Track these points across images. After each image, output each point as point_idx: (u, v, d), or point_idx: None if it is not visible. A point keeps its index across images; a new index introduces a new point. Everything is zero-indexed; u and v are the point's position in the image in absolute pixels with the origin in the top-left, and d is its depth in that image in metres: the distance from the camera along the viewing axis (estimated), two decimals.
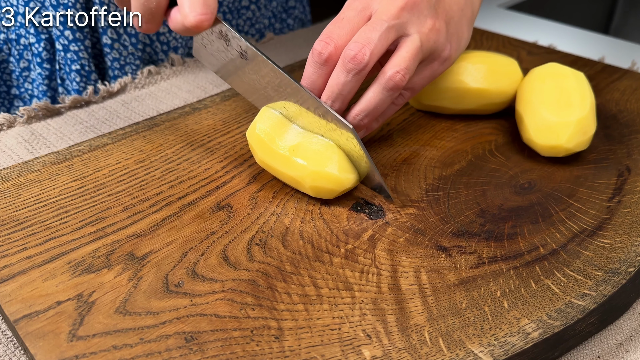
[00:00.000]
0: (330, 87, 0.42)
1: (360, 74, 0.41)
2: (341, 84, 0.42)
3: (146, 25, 0.45)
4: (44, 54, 0.64)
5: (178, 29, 0.43)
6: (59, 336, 0.33)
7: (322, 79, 0.43)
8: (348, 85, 0.42)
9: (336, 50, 0.42)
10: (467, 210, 0.44)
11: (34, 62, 0.65)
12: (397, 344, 0.34)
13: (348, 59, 0.41)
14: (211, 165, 0.48)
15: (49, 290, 0.36)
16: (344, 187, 0.43)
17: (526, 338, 0.34)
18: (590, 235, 0.42)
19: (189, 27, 0.42)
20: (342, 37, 0.42)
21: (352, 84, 0.42)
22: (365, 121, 0.44)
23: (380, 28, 0.41)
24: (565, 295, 0.37)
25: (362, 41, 0.41)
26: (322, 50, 0.42)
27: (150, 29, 0.45)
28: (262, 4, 0.73)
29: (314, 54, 0.42)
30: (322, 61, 0.42)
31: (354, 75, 0.41)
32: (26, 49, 0.64)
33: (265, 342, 0.34)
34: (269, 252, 0.40)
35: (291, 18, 0.77)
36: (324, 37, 0.42)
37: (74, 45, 0.63)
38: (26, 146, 0.53)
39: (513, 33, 0.77)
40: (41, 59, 0.64)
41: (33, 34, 0.63)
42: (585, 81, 0.51)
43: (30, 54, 0.64)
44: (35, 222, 0.42)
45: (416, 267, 0.39)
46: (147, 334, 0.34)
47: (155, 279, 0.37)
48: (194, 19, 0.41)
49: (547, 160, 0.50)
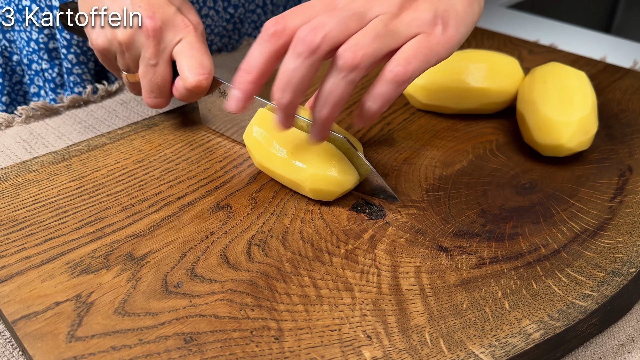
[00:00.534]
0: (279, 75, 0.37)
1: (311, 58, 0.36)
2: (290, 69, 0.36)
3: (156, 100, 0.50)
4: (58, 80, 0.65)
5: (182, 94, 0.48)
6: (57, 337, 0.33)
7: (263, 56, 0.37)
8: (298, 72, 0.36)
9: (284, 29, 0.37)
10: (468, 210, 0.44)
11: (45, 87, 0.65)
12: (397, 345, 0.34)
13: (297, 41, 0.36)
14: (210, 165, 0.48)
15: (48, 290, 0.36)
16: (344, 189, 0.43)
17: (527, 339, 0.34)
18: (592, 236, 0.42)
19: (190, 88, 0.47)
20: (296, 21, 0.37)
21: (302, 70, 0.36)
22: (326, 111, 0.38)
23: (337, 14, 0.37)
24: (566, 296, 0.37)
25: (316, 24, 0.36)
26: (269, 25, 0.37)
27: (161, 103, 0.50)
28: (269, 10, 0.74)
29: (261, 32, 0.37)
30: (267, 36, 0.37)
31: (304, 60, 0.36)
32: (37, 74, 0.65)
33: (264, 343, 0.34)
34: (269, 252, 0.40)
35: None
36: (276, 17, 0.38)
37: (78, 68, 0.64)
38: (24, 146, 0.53)
39: (514, 32, 0.77)
40: (55, 84, 0.65)
41: (46, 59, 0.64)
42: (587, 80, 0.51)
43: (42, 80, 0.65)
44: (34, 222, 0.42)
45: (417, 268, 0.39)
46: (146, 334, 0.34)
47: (154, 279, 0.37)
48: (193, 80, 0.47)
49: (549, 160, 0.50)
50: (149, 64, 0.48)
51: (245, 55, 0.39)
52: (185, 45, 0.47)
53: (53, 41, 0.63)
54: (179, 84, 0.48)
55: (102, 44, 0.49)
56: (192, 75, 0.47)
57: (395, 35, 0.37)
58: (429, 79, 0.53)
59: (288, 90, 0.37)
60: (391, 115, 0.56)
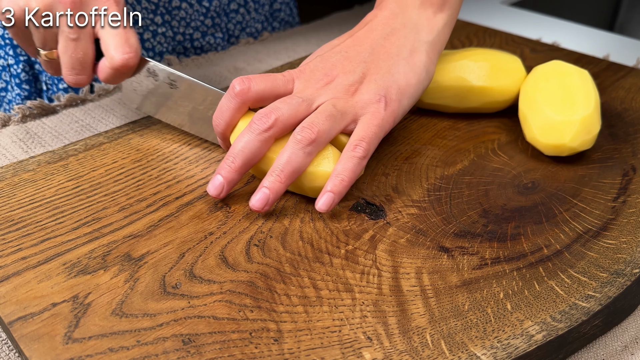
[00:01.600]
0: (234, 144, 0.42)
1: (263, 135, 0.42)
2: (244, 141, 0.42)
3: (78, 77, 0.47)
4: (23, 75, 0.64)
5: (107, 74, 0.46)
6: (54, 338, 0.33)
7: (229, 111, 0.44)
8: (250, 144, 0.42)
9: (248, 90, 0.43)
10: (469, 210, 0.44)
11: (12, 82, 0.64)
12: (398, 347, 0.34)
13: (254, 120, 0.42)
14: (209, 164, 0.48)
15: (44, 291, 0.36)
16: None
17: (530, 340, 0.34)
18: (595, 236, 0.42)
19: (117, 67, 0.45)
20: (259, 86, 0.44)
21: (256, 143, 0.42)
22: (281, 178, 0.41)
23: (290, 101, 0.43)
24: (569, 297, 0.37)
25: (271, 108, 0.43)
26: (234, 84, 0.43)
27: (83, 80, 0.48)
28: (252, 8, 0.73)
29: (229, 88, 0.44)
30: (232, 94, 0.43)
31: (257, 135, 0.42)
32: (4, 69, 0.64)
33: (264, 345, 0.34)
34: (268, 253, 0.40)
35: (277, 21, 0.78)
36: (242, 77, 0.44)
37: None
38: (21, 145, 0.53)
39: (516, 30, 0.77)
40: (20, 80, 0.64)
41: (12, 55, 0.63)
42: (590, 79, 0.51)
43: (9, 75, 0.64)
44: (30, 222, 0.42)
45: (418, 268, 0.39)
46: (144, 336, 0.34)
47: (152, 280, 0.37)
48: (120, 59, 0.45)
49: (551, 160, 0.50)
50: (69, 39, 0.45)
51: (244, 55, 0.39)
52: (108, 20, 0.45)
53: None
54: (104, 64, 0.46)
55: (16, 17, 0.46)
56: (119, 53, 0.45)
57: (345, 115, 0.44)
58: None
59: (239, 157, 0.42)
60: None
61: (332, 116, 0.43)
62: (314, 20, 0.81)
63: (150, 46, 0.67)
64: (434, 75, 0.53)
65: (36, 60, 0.64)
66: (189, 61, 0.68)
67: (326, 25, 0.79)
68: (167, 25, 0.67)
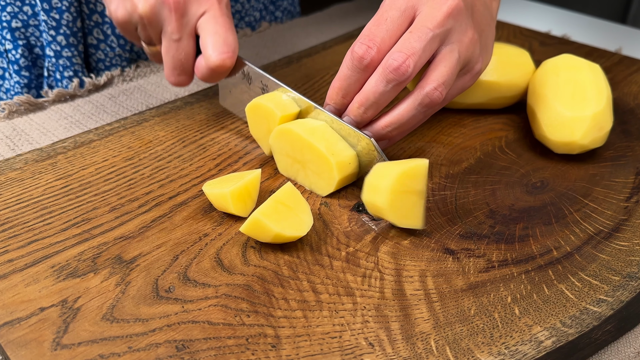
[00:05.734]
0: (365, 93, 0.43)
1: (401, 85, 0.42)
2: (379, 93, 0.42)
3: (179, 78, 0.49)
4: (22, 61, 0.64)
5: (205, 74, 0.48)
6: (42, 344, 0.33)
7: (359, 83, 0.43)
8: (386, 95, 0.42)
9: (378, 54, 0.42)
10: (475, 210, 0.44)
11: (10, 69, 0.64)
12: (401, 353, 0.34)
13: (390, 69, 0.41)
14: (204, 163, 0.48)
15: (32, 295, 0.36)
16: None
17: (539, 347, 0.34)
18: (607, 238, 0.42)
19: (213, 67, 0.47)
20: (386, 42, 0.42)
21: (390, 94, 0.42)
22: (394, 134, 0.44)
23: (425, 37, 0.42)
24: (580, 301, 0.37)
25: (407, 51, 0.41)
26: (363, 55, 0.42)
27: (184, 81, 0.50)
28: None
29: (354, 57, 0.42)
30: (362, 66, 0.42)
31: (394, 86, 0.42)
32: (1, 55, 0.64)
33: (261, 351, 0.34)
34: (265, 255, 0.40)
35: (279, 10, 0.78)
36: (366, 39, 0.42)
37: (67, 51, 0.63)
38: (7, 142, 0.53)
39: (525, 22, 0.77)
40: (19, 66, 0.64)
41: (9, 39, 0.63)
42: (602, 74, 0.51)
43: (6, 62, 0.64)
44: (17, 223, 0.42)
45: (422, 271, 0.39)
46: (135, 342, 0.34)
47: (145, 283, 0.37)
48: (216, 59, 0.46)
49: (561, 158, 0.50)
50: (172, 39, 0.47)
51: (240, 48, 0.39)
52: (209, 19, 0.47)
53: (16, 20, 0.62)
54: (200, 62, 0.48)
55: (122, 17, 0.49)
56: (216, 53, 0.46)
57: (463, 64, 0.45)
58: None
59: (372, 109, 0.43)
60: None
61: None
62: (314, 11, 0.81)
63: None
64: None
65: (36, 44, 0.64)
66: None
67: (326, 17, 0.79)
68: None
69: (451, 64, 0.43)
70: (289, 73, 0.61)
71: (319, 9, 0.81)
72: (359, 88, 0.43)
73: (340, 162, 0.43)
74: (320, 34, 0.74)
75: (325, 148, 0.43)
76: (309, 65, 0.62)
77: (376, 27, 0.43)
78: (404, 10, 0.43)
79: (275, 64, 0.62)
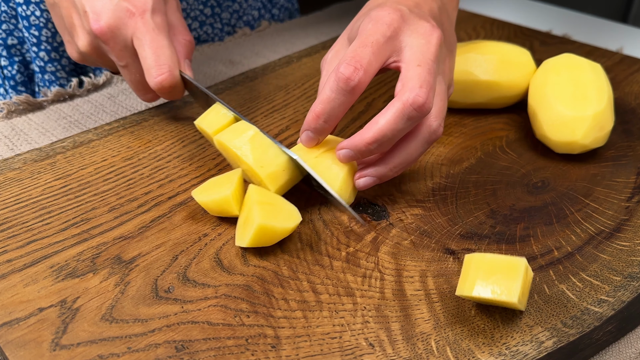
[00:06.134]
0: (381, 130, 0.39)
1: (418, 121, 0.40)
2: (397, 130, 0.40)
3: (147, 96, 0.50)
4: (18, 77, 0.64)
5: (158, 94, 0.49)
6: (41, 345, 0.33)
7: (343, 107, 0.41)
8: (402, 133, 0.40)
9: (366, 76, 0.40)
10: (476, 210, 0.44)
11: (6, 85, 0.65)
12: (401, 354, 0.34)
13: (415, 105, 0.39)
14: (203, 162, 0.48)
15: (31, 296, 0.36)
16: None
17: (539, 347, 0.34)
18: (608, 238, 0.42)
19: (156, 90, 0.47)
20: (373, 65, 0.40)
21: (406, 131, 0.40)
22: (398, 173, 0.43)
23: (434, 71, 0.40)
24: (581, 302, 0.37)
25: (427, 86, 0.39)
26: (350, 76, 0.39)
27: (153, 97, 0.50)
28: None
29: (339, 79, 0.40)
30: (349, 88, 0.40)
31: (412, 124, 0.40)
32: None
33: (261, 352, 0.34)
34: (265, 255, 0.40)
35: (276, 8, 0.78)
36: (352, 60, 0.40)
37: (50, 66, 0.63)
38: (6, 142, 0.53)
39: (525, 22, 0.77)
40: (15, 81, 0.64)
41: (5, 55, 0.63)
42: (603, 73, 0.51)
43: (2, 78, 0.65)
44: (16, 223, 0.42)
45: (422, 272, 0.39)
46: (135, 342, 0.34)
47: (144, 284, 0.37)
48: (153, 83, 0.46)
49: (562, 158, 0.50)
50: (120, 65, 0.48)
51: (240, 47, 0.39)
52: (137, 42, 0.46)
53: (11, 37, 0.63)
54: None
55: (76, 57, 0.50)
56: (151, 77, 0.46)
57: None
58: None
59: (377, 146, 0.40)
60: None
61: None
62: (313, 9, 0.80)
63: None
64: None
65: (31, 60, 0.65)
66: None
67: (326, 17, 0.79)
68: None
69: (444, 96, 0.42)
70: (289, 72, 0.61)
71: (318, 8, 0.81)
72: (343, 113, 0.41)
73: (271, 174, 0.41)
74: (320, 34, 0.74)
75: (253, 161, 0.41)
76: (309, 65, 0.62)
77: (362, 48, 0.40)
78: (389, 38, 0.41)
79: (275, 63, 0.62)
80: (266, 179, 0.41)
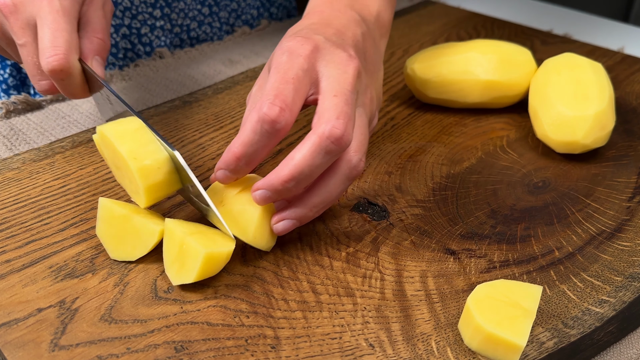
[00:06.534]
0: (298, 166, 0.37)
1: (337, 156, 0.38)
2: (315, 166, 0.37)
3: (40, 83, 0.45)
4: (10, 81, 0.64)
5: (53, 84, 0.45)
6: (39, 345, 0.33)
7: (266, 149, 0.38)
8: (320, 168, 0.37)
9: (292, 117, 0.37)
10: (477, 210, 0.44)
11: None
12: (402, 354, 0.34)
13: (332, 138, 0.36)
14: (203, 162, 0.48)
15: (29, 296, 0.36)
16: None
17: (540, 348, 0.34)
18: (609, 238, 0.42)
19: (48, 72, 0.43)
20: (297, 103, 0.38)
21: (325, 166, 0.38)
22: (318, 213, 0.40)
23: (352, 101, 0.39)
24: (582, 302, 0.37)
25: (344, 118, 0.37)
26: (277, 119, 0.37)
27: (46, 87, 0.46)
28: None
29: (264, 120, 0.37)
30: (274, 130, 0.37)
31: (331, 158, 0.37)
32: None
33: (260, 352, 0.34)
34: (265, 255, 0.40)
35: (274, 6, 0.78)
36: (277, 100, 0.37)
37: None
38: (4, 142, 0.53)
39: (526, 21, 0.77)
40: (7, 85, 0.64)
41: None
42: (604, 73, 0.51)
43: None
44: (15, 223, 0.42)
45: (422, 272, 0.39)
46: (134, 343, 0.34)
47: (143, 284, 0.37)
48: (44, 64, 0.42)
49: (563, 158, 0.50)
50: (19, 45, 0.44)
51: (240, 47, 0.38)
52: (39, 22, 0.43)
53: None
54: None
55: None
56: (44, 57, 0.42)
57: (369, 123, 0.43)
58: (435, 71, 0.53)
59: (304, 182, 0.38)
60: (395, 109, 0.56)
61: None
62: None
63: (147, 41, 0.67)
64: (439, 69, 0.53)
65: None
66: (182, 54, 0.68)
67: None
68: (166, 18, 0.68)
69: (365, 129, 0.40)
70: None
71: None
72: (266, 155, 0.39)
73: (144, 168, 0.37)
74: None
75: (127, 151, 0.37)
76: None
77: (284, 85, 0.38)
78: (307, 70, 0.39)
79: None
80: (137, 172, 0.37)
